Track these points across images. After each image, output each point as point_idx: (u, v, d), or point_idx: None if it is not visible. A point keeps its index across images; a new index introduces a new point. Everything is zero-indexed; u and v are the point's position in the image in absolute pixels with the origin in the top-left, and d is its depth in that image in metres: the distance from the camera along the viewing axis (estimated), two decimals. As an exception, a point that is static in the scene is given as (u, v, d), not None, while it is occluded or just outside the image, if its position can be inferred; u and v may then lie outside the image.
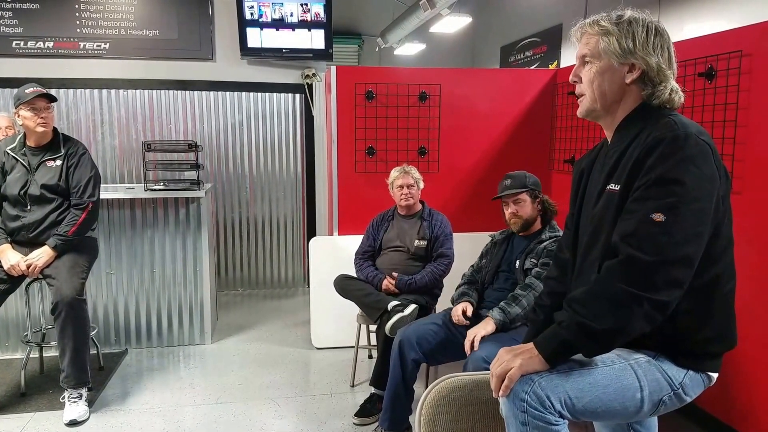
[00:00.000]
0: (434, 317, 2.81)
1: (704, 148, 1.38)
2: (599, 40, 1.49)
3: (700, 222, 1.36)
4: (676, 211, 1.33)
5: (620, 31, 1.47)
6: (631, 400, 1.45)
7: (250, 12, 4.90)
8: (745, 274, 1.81)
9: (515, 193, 2.66)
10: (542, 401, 1.38)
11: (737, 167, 2.52)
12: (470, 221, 3.96)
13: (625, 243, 1.37)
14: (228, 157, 5.25)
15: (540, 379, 1.40)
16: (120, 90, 4.97)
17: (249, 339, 4.12)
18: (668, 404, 1.50)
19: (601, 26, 1.49)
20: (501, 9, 8.40)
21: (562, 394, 1.40)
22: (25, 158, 3.03)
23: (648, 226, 1.34)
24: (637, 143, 1.45)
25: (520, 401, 1.39)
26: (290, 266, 5.50)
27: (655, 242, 1.33)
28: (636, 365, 1.47)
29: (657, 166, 1.37)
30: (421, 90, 4.00)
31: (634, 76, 1.48)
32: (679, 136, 1.37)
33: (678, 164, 1.35)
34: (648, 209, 1.35)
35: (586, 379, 1.43)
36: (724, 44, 2.61)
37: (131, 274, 3.84)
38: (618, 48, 1.46)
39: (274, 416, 2.98)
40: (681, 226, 1.34)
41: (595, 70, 1.50)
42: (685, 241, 1.34)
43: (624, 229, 1.39)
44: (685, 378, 1.49)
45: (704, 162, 1.37)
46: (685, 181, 1.34)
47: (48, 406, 3.03)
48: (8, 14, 4.65)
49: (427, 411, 1.66)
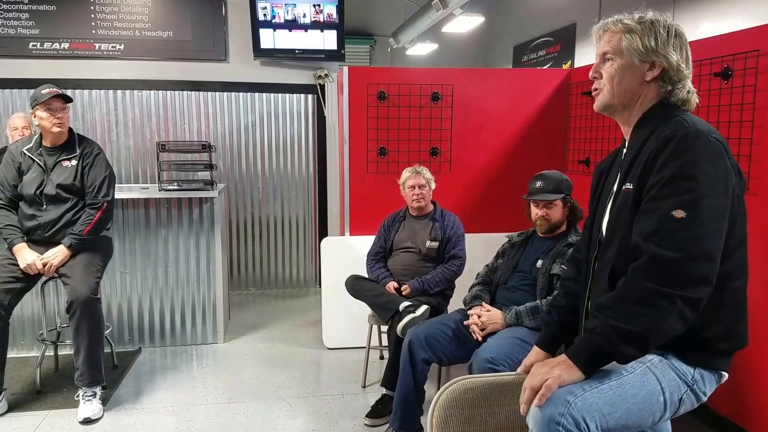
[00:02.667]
0: (445, 317, 2.79)
1: (717, 145, 1.39)
2: (622, 37, 1.51)
3: (719, 217, 1.37)
4: (695, 207, 1.33)
5: (643, 29, 1.49)
6: (657, 405, 1.44)
7: (263, 13, 4.92)
8: (759, 274, 1.78)
9: (551, 200, 2.61)
10: (578, 424, 1.35)
11: (754, 168, 2.49)
12: (482, 222, 3.94)
13: (648, 242, 1.36)
14: (241, 158, 5.28)
15: (576, 400, 1.37)
16: (134, 91, 5.01)
17: (261, 338, 4.14)
18: (686, 403, 1.48)
19: (625, 24, 1.51)
20: (514, 8, 8.36)
21: (597, 414, 1.37)
22: (41, 158, 3.06)
23: (669, 223, 1.34)
24: (650, 142, 1.46)
25: (556, 425, 1.35)
26: (302, 266, 5.51)
27: (677, 238, 1.33)
28: (653, 367, 1.46)
29: (670, 164, 1.37)
30: (433, 90, 4.00)
31: (655, 74, 1.50)
32: (691, 134, 1.38)
33: (692, 161, 1.35)
34: (667, 207, 1.35)
35: (615, 392, 1.41)
36: (740, 44, 2.57)
37: (145, 274, 3.86)
38: (641, 46, 1.48)
39: (286, 416, 2.99)
40: (701, 221, 1.34)
41: (616, 67, 1.52)
42: (706, 236, 1.34)
43: (644, 228, 1.38)
44: (695, 373, 1.47)
45: (718, 158, 1.37)
46: (700, 178, 1.34)
47: (63, 404, 3.06)
48: (25, 16, 4.71)
49: (439, 413, 1.65)
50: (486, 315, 2.57)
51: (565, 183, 2.64)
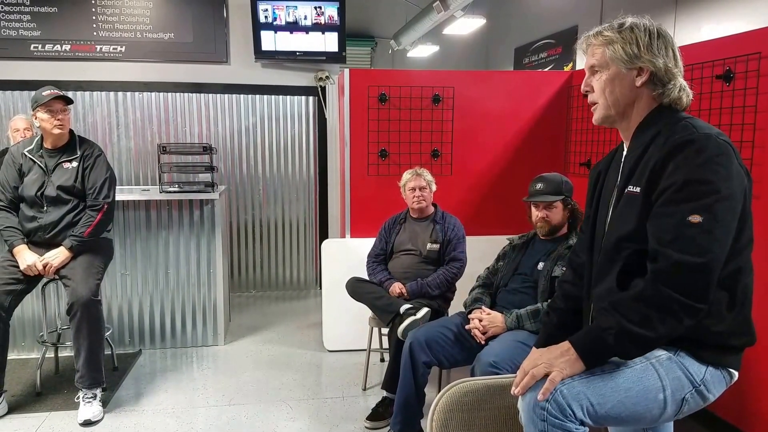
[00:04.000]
0: (446, 320, 2.79)
1: (726, 147, 1.40)
2: (605, 49, 1.52)
3: (733, 219, 1.39)
4: (712, 210, 1.35)
5: (624, 38, 1.50)
6: (654, 402, 1.43)
7: (264, 15, 4.92)
8: (761, 277, 1.78)
9: (551, 201, 2.62)
10: (563, 409, 1.37)
11: (756, 171, 2.48)
12: (483, 224, 3.94)
13: (669, 248, 1.36)
14: (242, 160, 5.28)
15: (561, 387, 1.39)
16: (135, 93, 5.02)
17: (261, 341, 4.13)
18: (691, 403, 1.48)
19: (605, 36, 1.53)
20: (515, 10, 8.36)
21: (584, 401, 1.39)
22: (42, 160, 3.06)
23: (687, 229, 1.35)
24: (654, 146, 1.46)
25: (540, 409, 1.38)
26: (302, 268, 5.51)
27: (698, 243, 1.34)
28: (657, 364, 1.45)
29: (682, 169, 1.38)
30: (434, 92, 3.99)
31: (644, 79, 1.51)
32: (700, 138, 1.39)
33: (704, 165, 1.36)
34: (683, 212, 1.36)
35: (608, 384, 1.42)
36: (742, 46, 2.57)
37: (146, 276, 3.86)
38: (624, 54, 1.50)
39: (287, 418, 2.99)
40: (720, 224, 1.35)
41: (605, 78, 1.54)
42: (725, 238, 1.36)
43: (662, 235, 1.39)
44: (706, 374, 1.47)
45: (729, 161, 1.38)
46: (713, 181, 1.35)
47: (63, 405, 3.06)
48: (26, 17, 4.72)
49: (439, 416, 1.65)
50: (487, 318, 2.56)
51: (565, 185, 2.64)
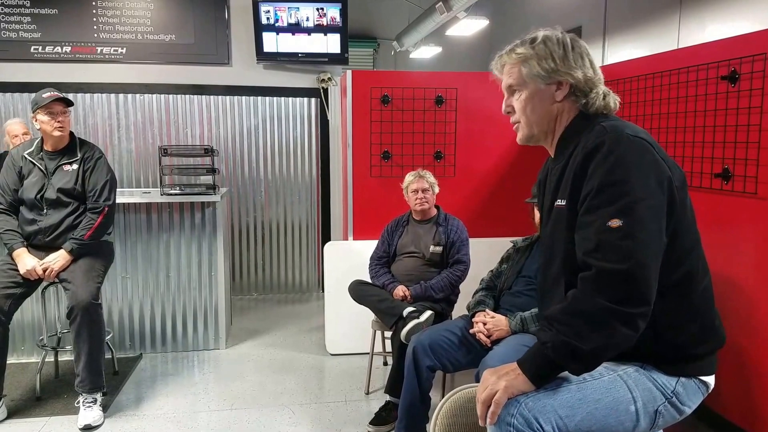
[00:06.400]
0: (450, 324, 2.76)
1: (639, 142, 1.36)
2: (520, 67, 1.49)
3: (658, 217, 1.33)
4: (631, 213, 1.30)
5: (538, 53, 1.47)
6: (626, 414, 1.40)
7: (266, 17, 4.90)
8: (766, 279, 1.76)
9: None
10: (530, 423, 1.31)
11: (762, 172, 2.45)
12: (486, 226, 3.91)
13: (592, 258, 1.32)
14: (243, 162, 5.26)
15: (526, 400, 1.33)
16: (136, 94, 5.00)
17: (263, 344, 4.11)
18: (666, 416, 1.44)
19: (518, 53, 1.49)
20: (518, 11, 8.34)
21: (552, 414, 1.33)
22: (42, 162, 3.05)
23: (608, 235, 1.30)
24: (575, 156, 1.43)
25: (507, 425, 1.32)
26: (305, 271, 5.49)
27: (620, 249, 1.29)
28: (626, 376, 1.42)
29: (597, 173, 1.34)
30: (437, 94, 3.97)
31: (564, 92, 1.48)
32: (610, 139, 1.36)
33: (617, 166, 1.32)
34: (602, 218, 1.31)
35: (575, 396, 1.37)
36: (747, 46, 2.54)
37: (146, 279, 3.84)
38: (541, 70, 1.46)
39: (288, 423, 2.96)
40: (641, 225, 1.30)
41: (524, 97, 1.50)
42: (650, 240, 1.31)
43: (585, 245, 1.34)
44: (677, 386, 1.44)
45: (643, 155, 1.34)
46: (629, 180, 1.31)
47: (63, 410, 3.04)
48: (27, 19, 4.71)
49: (442, 421, 1.63)
50: (491, 321, 2.54)
51: None
